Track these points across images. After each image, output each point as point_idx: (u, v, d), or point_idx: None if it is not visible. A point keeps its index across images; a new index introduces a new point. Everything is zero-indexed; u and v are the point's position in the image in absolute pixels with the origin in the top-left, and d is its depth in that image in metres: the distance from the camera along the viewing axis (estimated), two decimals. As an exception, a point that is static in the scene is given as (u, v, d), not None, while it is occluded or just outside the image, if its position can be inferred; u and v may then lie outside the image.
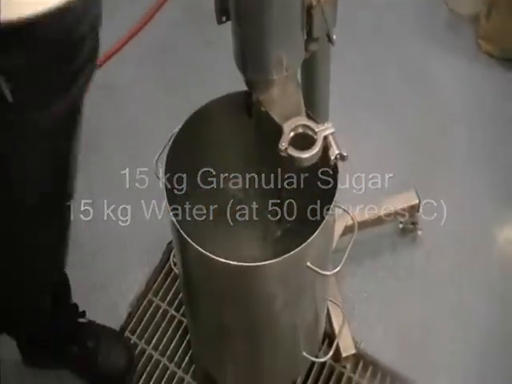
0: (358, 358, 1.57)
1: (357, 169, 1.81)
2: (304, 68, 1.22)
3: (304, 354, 1.28)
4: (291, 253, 1.00)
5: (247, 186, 1.34)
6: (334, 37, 1.03)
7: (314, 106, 1.28)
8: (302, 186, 1.27)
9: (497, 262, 1.73)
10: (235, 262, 1.00)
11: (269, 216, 1.35)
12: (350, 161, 1.05)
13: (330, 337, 1.57)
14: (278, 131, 1.02)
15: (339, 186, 1.11)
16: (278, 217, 1.33)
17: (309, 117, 1.05)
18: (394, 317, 1.65)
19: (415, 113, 1.97)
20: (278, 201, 1.29)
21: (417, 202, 1.67)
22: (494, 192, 1.82)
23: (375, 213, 1.64)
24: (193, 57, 2.09)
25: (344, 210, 1.17)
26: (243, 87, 1.08)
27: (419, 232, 1.73)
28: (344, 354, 1.52)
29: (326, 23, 0.99)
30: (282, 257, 1.00)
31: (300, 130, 1.01)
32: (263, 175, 1.30)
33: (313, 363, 1.51)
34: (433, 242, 1.75)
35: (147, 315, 1.65)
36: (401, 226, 1.74)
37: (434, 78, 2.04)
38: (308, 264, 1.06)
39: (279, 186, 1.26)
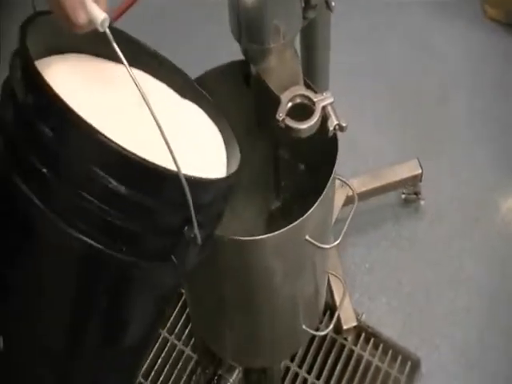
0: (360, 330, 1.55)
1: (358, 139, 1.78)
2: (303, 35, 1.19)
3: (304, 327, 1.27)
4: (289, 226, 0.98)
5: (245, 158, 1.31)
6: (333, 3, 1.00)
7: (313, 75, 1.25)
8: (301, 156, 1.25)
9: (499, 231, 1.71)
10: (232, 237, 0.98)
11: (268, 187, 1.32)
12: (351, 130, 1.03)
13: (331, 309, 1.56)
14: (277, 101, 0.99)
15: (339, 157, 1.09)
16: (277, 188, 1.30)
17: (307, 86, 1.02)
18: (397, 287, 1.64)
19: (417, 81, 1.94)
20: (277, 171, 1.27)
21: (419, 171, 1.64)
22: (496, 160, 1.80)
23: (377, 183, 1.62)
24: (191, 26, 2.05)
25: (344, 182, 1.14)
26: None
27: (422, 202, 1.72)
28: (345, 327, 1.51)
29: (325, -11, 0.96)
30: (280, 230, 0.98)
31: (298, 100, 0.98)
32: (262, 146, 1.27)
33: (314, 335, 1.50)
34: (435, 212, 1.73)
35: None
36: (403, 196, 1.72)
37: (437, 44, 2.00)
38: (307, 237, 1.03)
39: (277, 157, 1.23)
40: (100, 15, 0.69)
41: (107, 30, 0.69)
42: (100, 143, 0.68)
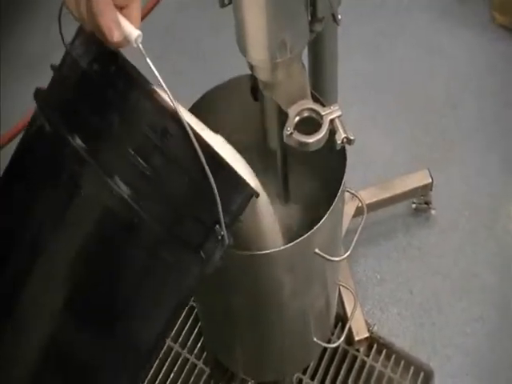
0: (372, 341, 1.54)
1: (367, 147, 1.78)
2: (310, 48, 1.19)
3: (315, 339, 1.27)
4: (298, 240, 0.98)
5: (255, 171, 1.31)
6: (340, 16, 1.00)
7: (321, 87, 1.25)
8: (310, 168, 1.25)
9: (511, 239, 1.70)
10: (240, 251, 0.98)
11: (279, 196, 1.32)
12: (360, 139, 1.02)
13: (342, 320, 1.55)
14: (285, 114, 0.99)
15: (348, 166, 1.08)
16: (287, 196, 1.30)
17: (315, 99, 1.02)
18: (408, 298, 1.63)
19: (425, 87, 1.93)
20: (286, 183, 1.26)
21: (429, 181, 1.64)
22: (507, 166, 1.79)
23: (387, 194, 1.61)
24: (199, 40, 2.06)
25: (353, 194, 1.14)
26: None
27: (433, 211, 1.71)
28: (357, 338, 1.50)
29: (331, 3, 0.96)
30: (289, 244, 0.98)
31: (305, 114, 0.98)
32: (270, 158, 1.27)
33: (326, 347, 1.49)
34: (447, 221, 1.72)
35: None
36: (414, 205, 1.71)
37: (445, 50, 2.00)
38: (316, 250, 1.03)
39: (286, 166, 1.23)
40: (134, 32, 0.73)
41: (140, 46, 0.73)
42: (162, 106, 0.73)
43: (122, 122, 0.74)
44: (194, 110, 1.11)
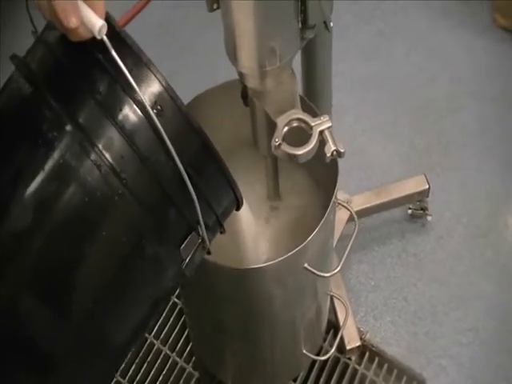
0: (364, 349, 1.52)
1: (364, 153, 1.75)
2: (303, 54, 1.16)
3: (304, 351, 1.24)
4: (287, 255, 0.96)
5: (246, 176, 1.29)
6: (332, 24, 0.97)
7: (315, 93, 1.22)
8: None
9: (509, 247, 1.67)
10: (228, 265, 0.95)
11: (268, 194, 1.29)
12: (357, 144, 1.00)
13: (335, 327, 1.53)
14: (274, 122, 0.96)
15: (343, 173, 1.07)
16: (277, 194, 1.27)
17: (307, 106, 0.99)
18: (402, 306, 1.60)
19: (425, 90, 1.90)
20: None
21: (426, 187, 1.61)
22: (506, 172, 1.76)
23: (383, 199, 1.59)
24: (192, 40, 2.03)
25: (344, 206, 1.11)
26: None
27: (429, 218, 1.67)
28: (348, 347, 1.47)
29: (322, 10, 0.93)
30: (276, 260, 0.95)
31: (295, 124, 0.95)
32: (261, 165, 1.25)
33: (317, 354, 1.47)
34: (443, 228, 1.69)
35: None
36: (410, 211, 1.68)
37: (445, 52, 1.97)
38: (305, 265, 1.01)
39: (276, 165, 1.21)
40: (97, 22, 0.67)
41: (105, 38, 0.68)
42: (155, 79, 0.70)
43: (111, 90, 0.70)
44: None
